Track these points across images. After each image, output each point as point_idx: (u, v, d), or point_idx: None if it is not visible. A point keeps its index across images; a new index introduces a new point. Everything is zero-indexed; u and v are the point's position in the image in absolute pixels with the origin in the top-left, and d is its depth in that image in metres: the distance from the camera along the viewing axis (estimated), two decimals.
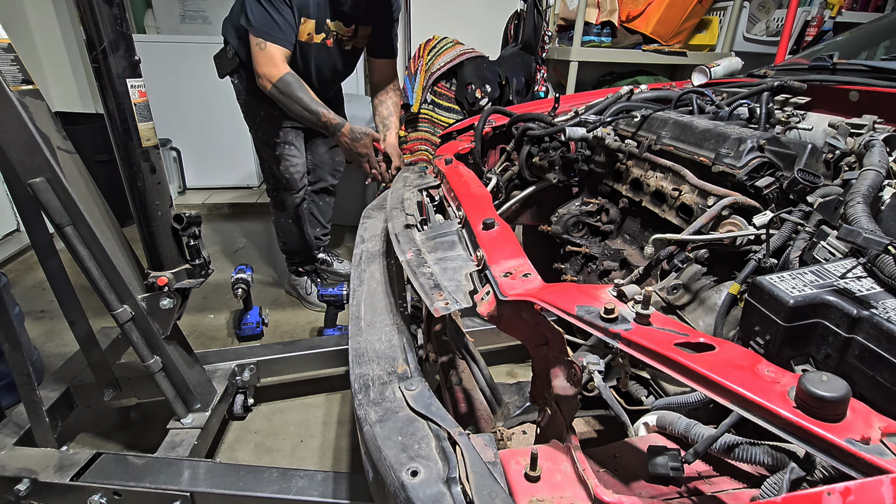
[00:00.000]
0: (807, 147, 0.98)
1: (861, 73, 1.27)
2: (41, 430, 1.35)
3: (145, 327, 1.32)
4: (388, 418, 0.67)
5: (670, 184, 1.12)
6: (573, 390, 0.65)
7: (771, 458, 0.63)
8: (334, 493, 1.20)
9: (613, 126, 1.38)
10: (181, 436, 1.40)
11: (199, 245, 1.34)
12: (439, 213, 1.24)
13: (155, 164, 1.26)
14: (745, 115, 1.26)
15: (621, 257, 1.31)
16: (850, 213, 0.73)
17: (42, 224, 1.24)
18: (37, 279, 2.67)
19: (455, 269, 0.85)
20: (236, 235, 3.40)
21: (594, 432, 1.31)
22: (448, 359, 1.14)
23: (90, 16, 1.08)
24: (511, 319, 0.74)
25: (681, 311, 0.97)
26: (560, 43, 3.41)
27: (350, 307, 0.97)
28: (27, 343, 1.66)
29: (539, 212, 1.64)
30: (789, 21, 2.93)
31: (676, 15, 3.12)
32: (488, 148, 1.72)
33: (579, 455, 0.62)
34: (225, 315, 2.40)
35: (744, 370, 0.50)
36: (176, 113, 3.67)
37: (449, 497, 0.55)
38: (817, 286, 0.67)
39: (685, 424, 0.74)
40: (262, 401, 1.83)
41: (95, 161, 3.01)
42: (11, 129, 1.11)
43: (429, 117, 3.29)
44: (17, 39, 1.16)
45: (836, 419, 0.44)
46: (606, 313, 0.61)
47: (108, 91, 1.15)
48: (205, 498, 1.22)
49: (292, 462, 1.59)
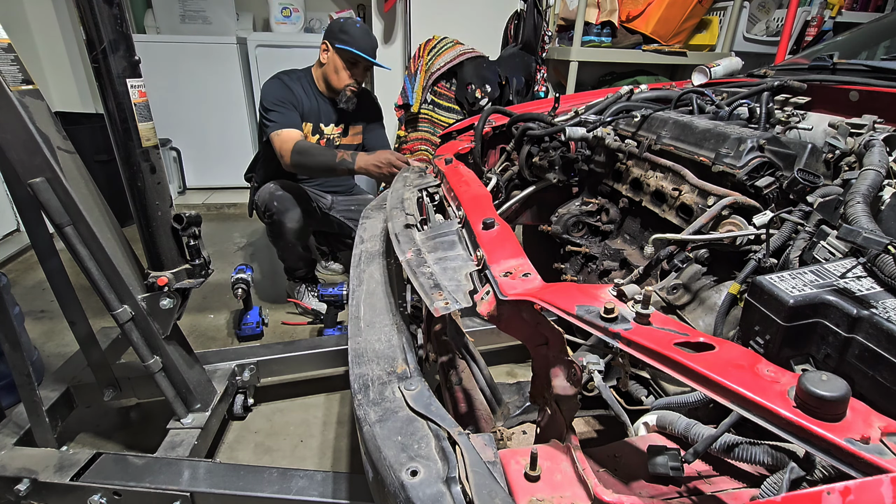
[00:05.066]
0: (807, 147, 0.98)
1: (861, 73, 1.27)
2: (41, 430, 1.35)
3: (145, 327, 1.32)
4: (388, 418, 0.67)
5: (670, 184, 1.12)
6: (573, 390, 0.65)
7: (771, 458, 0.63)
8: (334, 493, 1.20)
9: (613, 126, 1.38)
10: (181, 436, 1.40)
11: (199, 245, 1.34)
12: (439, 213, 1.24)
13: (155, 164, 1.26)
14: (745, 115, 1.26)
15: (621, 257, 1.31)
16: (850, 212, 0.73)
17: (42, 224, 1.24)
18: (37, 279, 2.67)
19: (455, 268, 0.85)
20: (236, 235, 3.40)
21: (594, 432, 1.31)
22: (448, 359, 1.13)
23: (90, 16, 1.08)
24: (511, 319, 0.74)
25: (681, 310, 0.97)
26: (560, 43, 3.41)
27: (349, 307, 0.97)
28: (27, 343, 1.66)
29: (539, 212, 1.64)
30: (789, 21, 2.93)
31: (676, 15, 3.12)
32: (488, 148, 1.72)
33: (579, 455, 0.62)
34: (225, 315, 2.40)
35: (744, 370, 0.50)
36: (176, 113, 3.67)
37: (449, 497, 0.55)
38: (817, 286, 0.67)
39: (685, 424, 0.74)
40: (262, 401, 1.83)
41: (95, 161, 3.01)
42: (11, 129, 1.11)
43: (429, 117, 3.29)
44: (17, 39, 1.16)
45: (835, 419, 0.44)
46: (606, 313, 0.61)
47: (108, 91, 1.15)
48: (205, 498, 1.22)
49: (292, 462, 1.59)
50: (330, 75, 2.20)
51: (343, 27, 2.13)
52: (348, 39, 2.11)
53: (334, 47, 2.14)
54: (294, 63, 2.46)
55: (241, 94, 3.75)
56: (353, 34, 2.11)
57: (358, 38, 2.12)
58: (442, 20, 3.51)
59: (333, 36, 2.14)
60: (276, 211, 2.11)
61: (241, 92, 3.75)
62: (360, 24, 2.17)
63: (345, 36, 2.11)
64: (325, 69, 2.21)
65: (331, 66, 2.18)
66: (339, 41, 2.12)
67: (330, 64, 2.18)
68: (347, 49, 2.11)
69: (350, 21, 2.16)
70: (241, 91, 3.74)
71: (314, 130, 2.27)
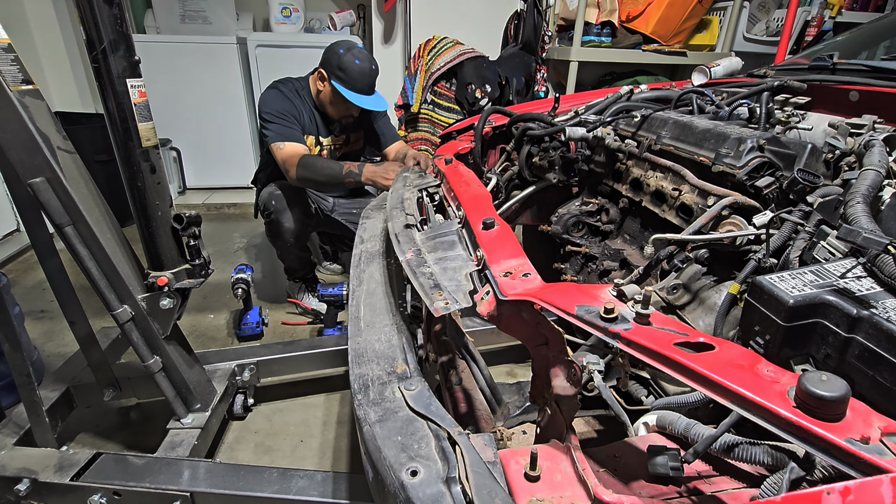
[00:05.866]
0: (807, 147, 0.98)
1: (861, 73, 1.27)
2: (41, 430, 1.35)
3: (145, 327, 1.32)
4: (388, 418, 0.67)
5: (670, 184, 1.12)
6: (573, 390, 0.65)
7: (771, 458, 0.63)
8: (334, 493, 1.20)
9: (613, 126, 1.38)
10: (181, 436, 1.40)
11: (199, 245, 1.34)
12: (439, 213, 1.24)
13: (155, 164, 1.26)
14: (745, 115, 1.26)
15: (621, 257, 1.31)
16: (850, 212, 0.73)
17: (42, 224, 1.24)
18: (37, 279, 2.67)
19: (455, 268, 0.85)
20: (236, 235, 3.40)
21: (594, 432, 1.31)
22: (448, 359, 1.13)
23: (90, 16, 1.08)
24: (511, 319, 0.74)
25: (681, 311, 0.97)
26: (560, 43, 3.41)
27: (349, 307, 0.97)
28: (27, 343, 1.66)
29: (539, 212, 1.64)
30: (789, 21, 2.93)
31: (676, 15, 3.12)
32: (488, 148, 1.72)
33: (579, 455, 0.62)
34: (225, 315, 2.40)
35: (744, 370, 0.50)
36: (176, 113, 3.66)
37: (448, 497, 0.55)
38: (817, 286, 0.67)
39: (685, 424, 0.74)
40: (262, 401, 1.83)
41: (95, 161, 3.01)
42: (11, 129, 1.11)
43: (429, 117, 3.29)
44: (17, 39, 1.16)
45: (835, 419, 0.44)
46: (606, 313, 0.61)
47: (108, 91, 1.15)
48: (205, 498, 1.22)
49: (292, 462, 1.59)
50: (326, 105, 2.15)
51: (341, 63, 2.00)
52: (345, 79, 2.01)
53: (331, 82, 2.05)
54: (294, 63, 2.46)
55: (241, 94, 3.75)
56: (350, 73, 2.00)
57: (355, 78, 2.01)
58: (442, 20, 3.51)
59: (330, 69, 2.04)
60: (274, 210, 2.11)
61: (241, 92, 3.74)
62: (359, 61, 2.02)
63: (342, 74, 2.01)
64: (321, 96, 2.14)
65: (326, 96, 2.12)
66: (336, 78, 2.03)
67: (325, 94, 2.11)
68: (342, 91, 2.02)
69: (349, 56, 2.01)
70: (241, 91, 3.74)
71: (316, 142, 2.25)
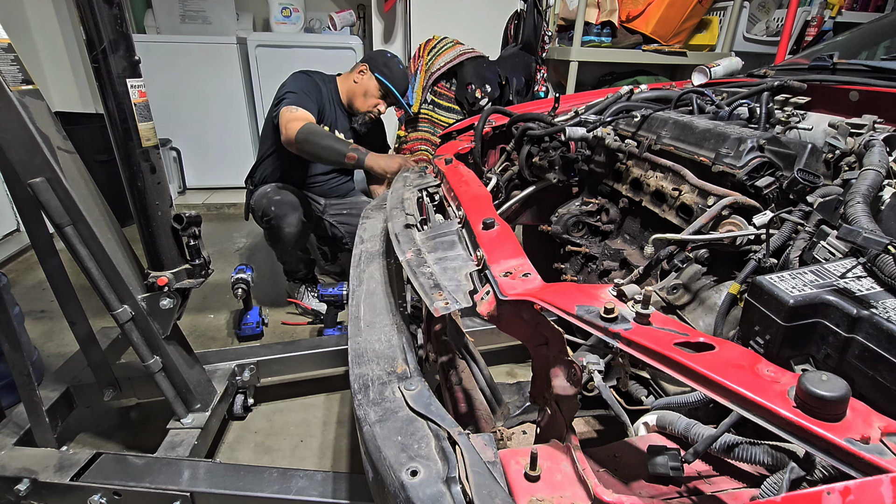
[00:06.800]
0: (807, 147, 0.97)
1: (861, 73, 1.27)
2: (41, 430, 1.35)
3: (145, 327, 1.32)
4: (388, 418, 0.67)
5: (670, 184, 1.12)
6: (573, 390, 0.65)
7: (771, 458, 0.63)
8: (334, 493, 1.20)
9: (613, 126, 1.38)
10: (181, 436, 1.40)
11: (199, 245, 1.34)
12: (439, 213, 1.24)
13: (155, 164, 1.26)
14: (745, 115, 1.26)
15: (621, 257, 1.30)
16: (850, 212, 0.73)
17: (42, 224, 1.24)
18: (37, 279, 2.67)
19: (455, 268, 0.85)
20: (236, 235, 3.40)
21: (594, 432, 1.31)
22: (448, 359, 1.13)
23: (90, 16, 1.08)
24: (511, 319, 0.74)
25: (681, 311, 0.97)
26: (560, 43, 3.41)
27: (349, 307, 0.97)
28: (27, 343, 1.66)
29: (539, 212, 1.63)
30: (789, 21, 2.93)
31: (676, 15, 3.12)
32: (488, 148, 1.72)
33: (579, 455, 0.62)
34: (225, 315, 2.40)
35: (744, 370, 0.50)
36: (176, 113, 3.66)
37: (448, 497, 0.55)
38: (817, 286, 0.67)
39: (685, 424, 0.74)
40: (262, 401, 1.83)
41: (95, 161, 3.01)
42: (11, 129, 1.11)
43: (429, 117, 3.29)
44: (17, 39, 1.16)
45: (835, 419, 0.44)
46: (606, 313, 0.61)
47: (108, 91, 1.15)
48: (205, 498, 1.22)
49: (292, 462, 1.59)
50: (357, 96, 2.28)
51: (388, 63, 2.26)
52: (389, 75, 2.24)
53: (374, 74, 2.24)
54: (294, 63, 2.47)
55: (241, 94, 3.75)
56: (394, 72, 2.26)
57: (398, 77, 2.26)
58: (442, 20, 3.51)
59: (376, 65, 2.25)
60: (275, 216, 2.09)
61: (241, 92, 3.74)
62: (403, 66, 2.32)
63: (387, 70, 2.24)
64: (354, 88, 2.29)
65: (362, 87, 2.27)
66: (381, 72, 2.24)
67: (361, 86, 2.27)
68: (386, 83, 2.24)
69: (395, 60, 2.30)
70: (241, 91, 3.74)
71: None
